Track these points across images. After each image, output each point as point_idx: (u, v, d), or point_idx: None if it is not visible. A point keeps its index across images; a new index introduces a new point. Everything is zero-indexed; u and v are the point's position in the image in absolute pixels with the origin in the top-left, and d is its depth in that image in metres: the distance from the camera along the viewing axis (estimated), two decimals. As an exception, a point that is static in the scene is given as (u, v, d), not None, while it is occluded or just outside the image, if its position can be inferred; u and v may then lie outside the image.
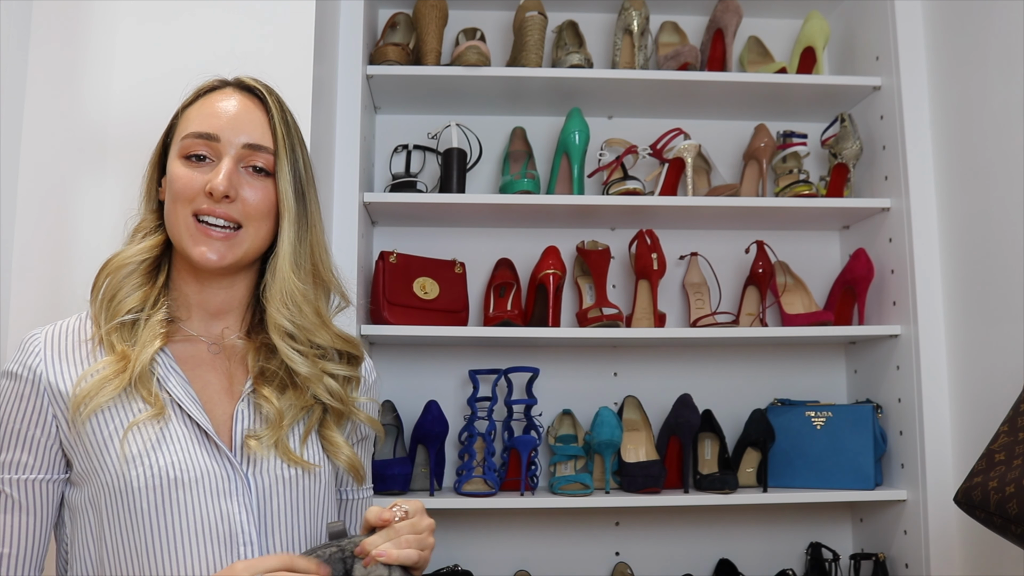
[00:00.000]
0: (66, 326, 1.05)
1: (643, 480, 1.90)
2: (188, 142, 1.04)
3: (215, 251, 1.02)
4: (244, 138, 1.04)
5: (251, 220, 1.04)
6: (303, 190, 1.08)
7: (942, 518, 1.82)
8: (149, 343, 1.01)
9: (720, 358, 2.17)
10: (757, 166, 2.13)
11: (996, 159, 1.75)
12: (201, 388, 1.04)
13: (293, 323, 1.05)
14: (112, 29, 1.48)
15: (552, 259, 2.00)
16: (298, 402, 1.05)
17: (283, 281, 1.05)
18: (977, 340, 1.81)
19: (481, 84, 2.02)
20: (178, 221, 1.03)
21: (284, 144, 1.06)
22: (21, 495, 1.00)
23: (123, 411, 0.98)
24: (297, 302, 1.05)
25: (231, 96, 1.07)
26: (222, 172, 1.02)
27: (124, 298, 1.03)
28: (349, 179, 1.83)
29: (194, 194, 1.02)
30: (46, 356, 1.01)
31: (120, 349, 1.00)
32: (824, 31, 2.11)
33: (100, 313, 1.03)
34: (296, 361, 1.04)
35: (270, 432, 1.01)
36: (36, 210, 1.42)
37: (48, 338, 1.03)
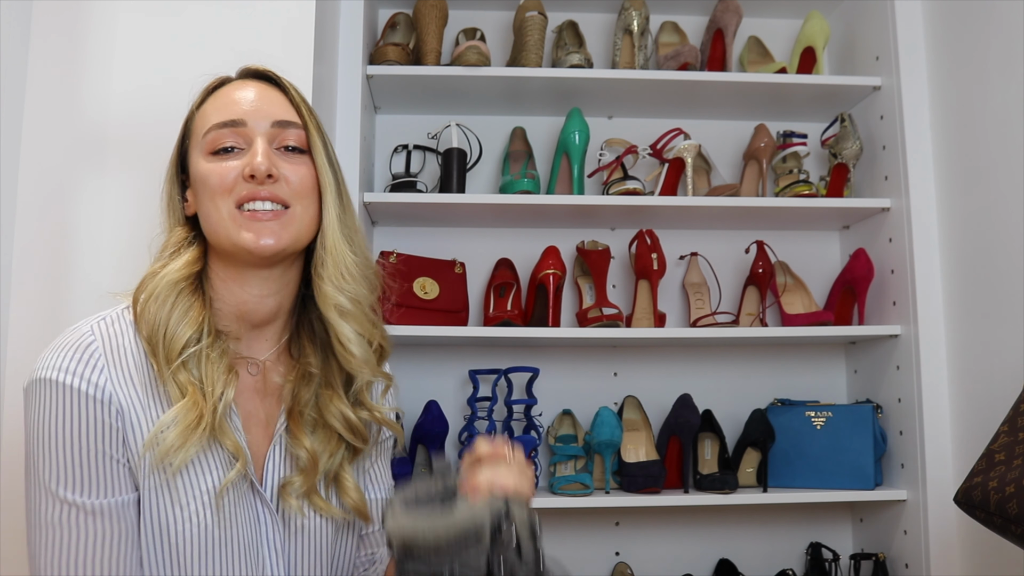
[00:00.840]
0: (117, 335, 0.94)
1: (643, 480, 1.90)
2: (213, 135, 0.97)
3: (270, 234, 0.95)
4: (270, 118, 0.99)
5: (298, 198, 0.97)
6: (335, 168, 1.03)
7: (942, 518, 1.82)
8: (222, 384, 0.94)
9: (720, 358, 2.17)
10: (757, 166, 2.13)
11: (996, 159, 1.75)
12: (244, 421, 0.99)
13: (352, 298, 0.98)
14: (112, 29, 1.48)
15: (552, 259, 2.00)
16: (328, 445, 1.00)
17: (338, 254, 0.98)
18: (977, 340, 1.81)
19: (481, 84, 2.02)
20: (221, 217, 0.95)
21: (311, 120, 1.01)
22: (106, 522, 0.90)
23: (203, 461, 0.93)
24: (354, 275, 0.99)
25: (244, 85, 1.02)
26: (259, 151, 0.96)
27: (177, 328, 0.93)
28: (349, 179, 1.77)
29: (232, 183, 0.95)
30: (112, 375, 0.91)
31: (190, 392, 0.91)
32: (824, 31, 2.11)
33: (157, 348, 0.93)
34: (352, 341, 0.98)
35: (303, 479, 0.98)
36: (36, 210, 1.42)
37: (108, 351, 0.92)
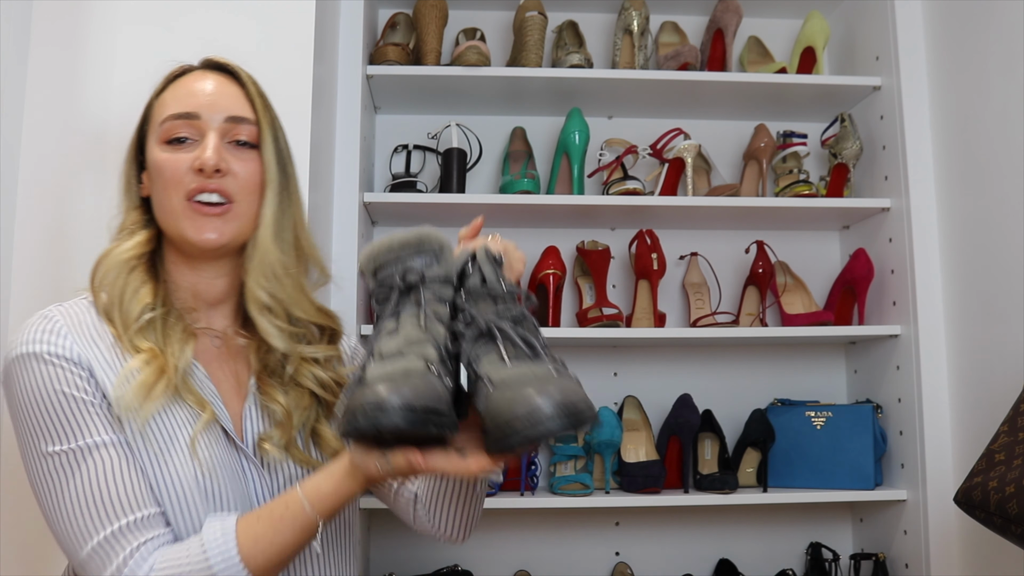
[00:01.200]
0: (78, 314, 0.99)
1: (643, 480, 1.90)
2: (168, 125, 1.02)
3: (213, 229, 1.00)
4: (224, 113, 1.02)
5: (244, 193, 1.02)
6: (285, 163, 1.06)
7: (942, 518, 1.82)
8: (184, 343, 0.99)
9: (720, 358, 2.17)
10: (757, 166, 2.13)
11: (996, 159, 1.75)
12: (216, 385, 1.03)
13: (272, 295, 1.03)
14: (112, 29, 1.48)
15: (552, 259, 2.00)
16: (301, 401, 1.05)
17: (264, 253, 1.02)
18: (977, 340, 1.81)
19: (481, 84, 2.02)
20: (171, 207, 1.00)
21: (265, 117, 1.05)
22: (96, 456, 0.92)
23: (173, 414, 0.96)
24: (277, 274, 1.03)
25: (204, 76, 1.05)
26: (210, 146, 1.00)
27: (133, 296, 0.99)
28: (349, 179, 1.83)
29: (183, 175, 1.00)
30: (76, 339, 0.96)
31: (148, 347, 0.96)
32: (824, 31, 2.11)
33: (114, 319, 0.98)
34: (272, 335, 1.03)
35: (280, 432, 1.02)
36: (36, 210, 1.42)
37: (70, 323, 0.97)
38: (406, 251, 0.93)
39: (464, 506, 1.10)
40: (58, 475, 0.92)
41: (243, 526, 0.91)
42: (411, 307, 0.90)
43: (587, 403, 0.82)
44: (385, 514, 2.06)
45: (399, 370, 0.81)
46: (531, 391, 0.78)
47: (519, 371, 0.82)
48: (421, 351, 0.85)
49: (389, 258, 0.93)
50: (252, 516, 0.93)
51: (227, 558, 0.89)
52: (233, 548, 0.89)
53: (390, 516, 2.05)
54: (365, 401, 0.78)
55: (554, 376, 0.82)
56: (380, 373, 0.81)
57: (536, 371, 0.82)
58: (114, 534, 0.90)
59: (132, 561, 0.89)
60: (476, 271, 0.94)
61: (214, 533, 0.90)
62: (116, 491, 0.91)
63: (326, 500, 0.92)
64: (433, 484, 1.09)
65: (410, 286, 0.91)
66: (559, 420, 0.77)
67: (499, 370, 0.83)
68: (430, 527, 1.12)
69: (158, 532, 0.92)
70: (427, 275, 0.92)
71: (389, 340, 0.87)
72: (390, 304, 0.92)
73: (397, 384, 0.79)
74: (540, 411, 0.77)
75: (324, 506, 0.92)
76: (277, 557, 0.91)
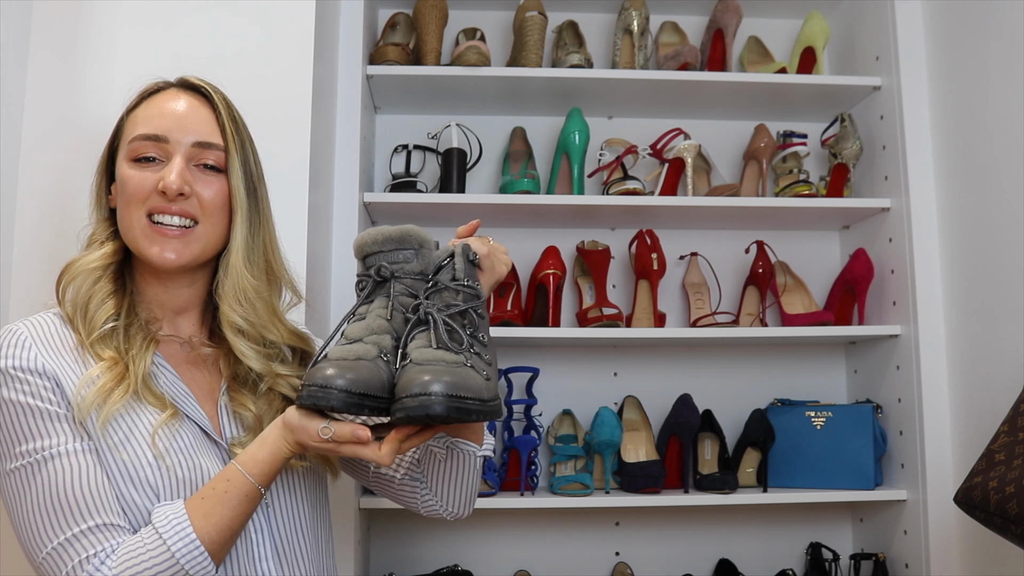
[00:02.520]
0: (44, 326, 1.00)
1: (643, 480, 1.90)
2: (136, 145, 1.03)
3: (172, 250, 1.02)
4: (193, 137, 1.04)
5: (207, 216, 1.04)
6: (254, 186, 1.08)
7: (942, 518, 1.82)
8: (145, 348, 1.01)
9: (720, 358, 2.17)
10: (757, 166, 2.13)
11: (996, 159, 1.75)
12: (188, 385, 1.05)
13: (246, 320, 1.05)
14: (112, 29, 1.48)
15: (552, 259, 2.00)
16: (273, 404, 1.07)
17: (236, 278, 1.05)
18: (977, 340, 1.81)
19: (481, 84, 2.02)
20: (132, 224, 1.03)
21: (234, 140, 1.06)
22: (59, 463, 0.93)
23: (134, 416, 0.97)
24: (250, 298, 1.06)
25: (177, 96, 1.07)
26: (174, 170, 1.01)
27: (99, 307, 1.01)
28: (349, 179, 1.83)
29: (147, 194, 1.02)
30: (41, 350, 0.97)
31: (109, 355, 0.98)
32: (824, 31, 2.11)
33: (78, 323, 1.00)
34: (249, 356, 1.06)
35: (251, 437, 1.03)
36: (36, 210, 1.42)
37: (36, 335, 0.98)
38: (388, 245, 1.01)
39: (465, 483, 1.14)
40: (21, 486, 0.93)
41: (192, 506, 0.94)
42: (382, 298, 0.99)
43: (479, 398, 0.90)
44: (385, 514, 2.06)
45: (352, 354, 0.92)
46: (430, 375, 0.88)
47: (435, 355, 0.92)
48: (378, 340, 0.95)
49: (374, 249, 1.01)
50: (196, 497, 0.95)
51: (183, 537, 0.91)
52: (188, 527, 0.92)
53: (390, 516, 2.06)
54: (315, 379, 0.89)
55: (462, 366, 0.91)
56: (337, 354, 0.93)
57: (447, 358, 0.92)
58: (73, 538, 0.91)
59: (90, 566, 0.90)
60: (450, 266, 1.02)
61: (165, 518, 0.92)
62: (77, 496, 0.92)
63: (262, 465, 0.96)
64: (436, 468, 1.14)
65: (384, 278, 1.00)
66: (443, 405, 0.86)
67: (421, 352, 0.93)
68: (438, 508, 1.17)
69: (120, 540, 0.92)
70: (402, 269, 1.00)
71: (355, 325, 0.98)
72: (365, 292, 1.01)
73: (344, 369, 0.89)
74: (429, 392, 0.86)
75: (261, 471, 0.96)
76: (228, 530, 0.95)
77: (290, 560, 1.04)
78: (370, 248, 1.01)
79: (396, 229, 1.01)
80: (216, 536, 0.93)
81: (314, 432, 0.92)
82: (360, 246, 1.02)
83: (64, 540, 0.91)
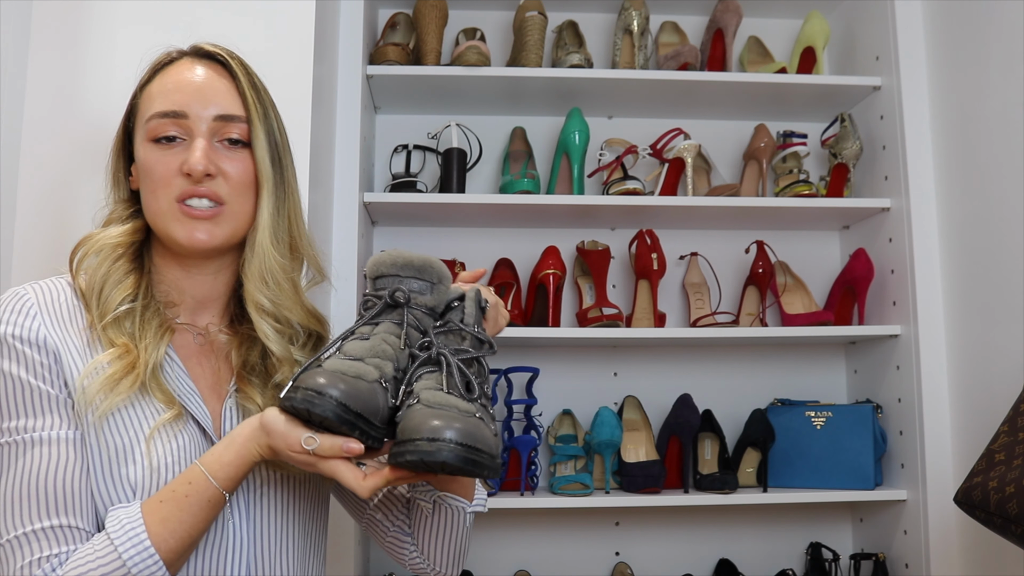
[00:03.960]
0: (53, 293, 0.95)
1: (643, 480, 1.90)
2: (155, 124, 0.97)
3: (203, 231, 0.97)
4: (214, 110, 0.98)
5: (235, 195, 0.99)
6: (280, 156, 1.02)
7: (942, 518, 1.82)
8: (158, 339, 0.95)
9: (720, 358, 2.17)
10: (757, 166, 2.13)
11: (996, 159, 1.75)
12: (195, 381, 1.01)
13: (271, 300, 1.01)
14: (112, 29, 1.48)
15: (552, 259, 2.00)
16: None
17: (263, 256, 1.00)
18: (977, 340, 1.81)
19: (481, 84, 2.02)
20: (160, 208, 0.97)
21: (256, 110, 1.00)
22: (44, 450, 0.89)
23: (138, 410, 0.93)
24: (277, 279, 1.01)
25: (192, 66, 1.00)
26: (198, 150, 0.96)
27: (115, 287, 0.96)
28: (349, 179, 1.83)
29: (171, 177, 0.96)
30: (45, 321, 0.92)
31: (121, 342, 0.93)
32: (824, 31, 2.11)
33: (92, 303, 0.95)
34: (271, 338, 1.01)
35: None
36: (36, 210, 1.42)
37: (42, 303, 0.94)
38: (407, 271, 0.97)
39: (453, 541, 1.07)
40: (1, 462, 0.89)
41: (148, 510, 0.88)
42: (389, 324, 0.94)
43: (491, 453, 0.84)
44: (385, 514, 2.06)
45: (352, 370, 0.87)
46: (443, 420, 0.82)
47: (446, 399, 0.87)
48: (380, 365, 0.90)
49: (390, 272, 0.97)
50: (154, 500, 0.89)
51: (136, 544, 0.85)
52: (142, 533, 0.86)
53: (390, 516, 2.06)
54: (309, 383, 0.84)
55: (473, 416, 0.86)
56: (335, 366, 0.87)
57: (460, 405, 0.86)
58: (38, 532, 0.87)
59: (47, 565, 0.86)
60: (460, 308, 0.98)
61: (119, 523, 0.87)
62: (52, 489, 0.88)
63: (228, 468, 0.90)
64: (422, 523, 1.07)
65: (396, 303, 0.95)
66: (455, 454, 0.81)
67: (432, 394, 0.87)
68: (424, 565, 1.10)
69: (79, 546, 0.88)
70: (415, 300, 0.96)
71: (357, 343, 0.92)
72: (372, 312, 0.95)
73: (343, 381, 0.84)
74: (443, 438, 0.81)
75: (227, 475, 0.90)
76: (188, 536, 0.88)
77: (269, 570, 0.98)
78: (387, 270, 0.97)
79: (418, 257, 0.97)
80: (173, 543, 0.87)
81: (295, 441, 0.85)
82: (376, 265, 0.98)
83: (27, 532, 0.86)
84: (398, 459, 0.83)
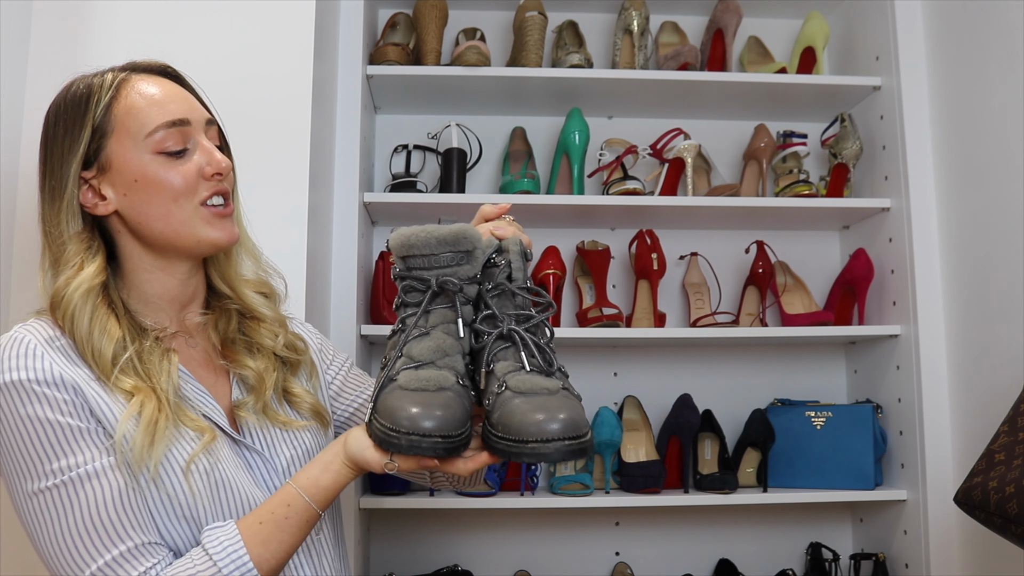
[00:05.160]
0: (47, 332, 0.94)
1: (643, 480, 1.90)
2: (162, 135, 0.97)
3: (230, 228, 1.03)
4: (202, 114, 1.03)
5: (233, 191, 1.06)
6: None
7: (942, 518, 1.82)
8: (166, 370, 0.95)
9: (720, 358, 2.17)
10: (757, 166, 2.13)
11: (996, 159, 1.75)
12: (201, 381, 1.02)
13: (255, 272, 1.10)
14: (111, 29, 1.48)
15: (552, 259, 2.00)
16: (269, 363, 1.06)
17: (243, 238, 1.09)
18: (977, 340, 1.81)
19: (481, 84, 2.02)
20: (183, 216, 0.98)
21: (215, 112, 1.07)
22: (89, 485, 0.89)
23: (172, 445, 0.93)
24: (253, 253, 1.10)
25: (155, 79, 1.02)
26: (215, 151, 1.01)
27: (102, 335, 0.94)
28: (349, 179, 1.83)
29: (194, 183, 0.99)
30: (55, 358, 0.91)
31: (132, 384, 0.93)
32: (824, 31, 2.11)
33: (87, 357, 0.93)
34: (263, 305, 1.09)
35: (255, 397, 1.03)
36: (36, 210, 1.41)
37: (44, 343, 0.92)
38: (442, 248, 0.93)
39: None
40: (53, 506, 0.88)
41: (248, 532, 0.91)
42: (442, 311, 0.93)
43: (590, 434, 0.85)
44: (385, 514, 2.06)
45: (432, 383, 0.86)
46: (544, 413, 0.81)
47: (532, 381, 0.86)
48: (451, 363, 0.89)
49: (423, 251, 0.93)
50: (253, 519, 0.92)
51: (240, 566, 0.88)
52: (243, 554, 0.89)
53: (390, 516, 2.06)
54: (399, 420, 0.83)
55: (563, 393, 0.85)
56: (414, 382, 0.86)
57: (548, 385, 0.86)
58: (116, 559, 0.87)
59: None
60: (505, 265, 0.95)
61: (219, 542, 0.89)
62: (113, 517, 0.88)
63: (325, 492, 0.94)
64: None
65: (444, 290, 0.93)
66: (567, 450, 0.81)
67: (517, 379, 0.86)
68: (448, 482, 1.17)
69: (162, 556, 0.90)
70: (456, 275, 0.93)
71: (419, 343, 0.91)
72: (420, 301, 0.93)
73: (432, 408, 0.83)
74: (553, 438, 0.81)
75: (324, 497, 0.94)
76: (286, 556, 0.93)
77: (317, 551, 1.03)
78: (418, 249, 0.92)
79: (448, 230, 0.92)
80: (274, 563, 0.91)
81: (378, 465, 0.90)
82: (405, 244, 0.93)
83: (108, 561, 0.87)
84: (512, 458, 0.83)
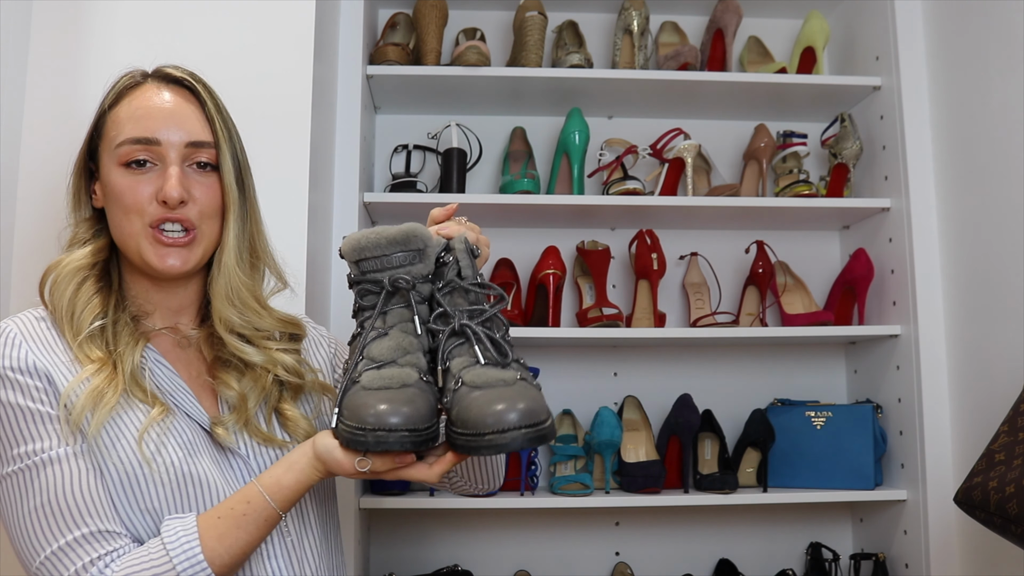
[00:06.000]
0: (31, 323, 0.98)
1: (643, 480, 1.90)
2: (126, 149, 0.99)
3: (177, 258, 1.00)
4: (184, 136, 1.00)
5: (205, 219, 1.01)
6: (243, 177, 1.05)
7: (942, 518, 1.82)
8: (133, 343, 0.98)
9: (720, 358, 2.17)
10: (757, 166, 2.13)
11: (996, 159, 1.75)
12: (185, 380, 1.03)
13: (240, 316, 1.04)
14: (112, 28, 1.48)
15: (552, 259, 2.00)
16: (258, 384, 1.04)
17: (228, 276, 1.03)
18: (977, 340, 1.81)
19: (481, 84, 2.02)
20: (132, 231, 0.99)
21: (223, 135, 1.03)
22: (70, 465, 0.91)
23: (124, 416, 0.94)
24: (243, 297, 1.04)
25: (159, 91, 1.02)
26: (173, 178, 0.98)
27: (83, 308, 0.98)
28: (349, 179, 1.83)
29: (144, 203, 0.98)
30: (32, 348, 0.94)
31: (98, 355, 0.95)
32: (824, 31, 2.11)
33: (64, 326, 0.97)
34: (248, 352, 1.03)
35: (235, 416, 1.01)
36: (36, 209, 1.42)
37: (25, 333, 0.96)
38: (392, 248, 0.94)
39: (494, 464, 1.13)
40: (16, 490, 0.91)
41: (205, 525, 0.91)
42: (399, 310, 0.94)
43: (550, 420, 0.86)
44: (385, 514, 2.06)
45: (395, 380, 0.87)
46: (503, 403, 0.82)
47: (488, 374, 0.87)
48: (414, 360, 0.90)
49: (374, 253, 0.94)
50: (212, 515, 0.92)
51: (190, 557, 0.88)
52: (196, 547, 0.89)
53: (390, 516, 2.06)
54: (365, 417, 0.84)
55: (519, 383, 0.86)
56: (377, 381, 0.87)
57: (503, 376, 0.87)
58: (69, 544, 0.89)
59: (94, 568, 0.88)
60: (453, 262, 0.96)
61: (175, 533, 0.90)
62: (72, 501, 0.90)
63: (287, 492, 0.94)
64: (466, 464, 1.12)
65: (397, 289, 0.94)
66: (526, 438, 0.82)
67: (472, 373, 0.88)
68: (466, 487, 1.16)
69: (120, 545, 0.90)
70: (410, 274, 0.94)
71: (379, 343, 0.92)
72: (376, 302, 0.94)
73: (397, 404, 0.84)
74: (511, 427, 0.82)
75: (285, 497, 0.94)
76: (241, 553, 0.92)
77: (299, 557, 1.01)
78: (370, 252, 0.94)
79: (397, 230, 0.94)
80: (228, 559, 0.91)
81: (350, 466, 0.90)
82: (356, 248, 0.95)
83: (62, 545, 0.89)
84: (472, 452, 0.84)
